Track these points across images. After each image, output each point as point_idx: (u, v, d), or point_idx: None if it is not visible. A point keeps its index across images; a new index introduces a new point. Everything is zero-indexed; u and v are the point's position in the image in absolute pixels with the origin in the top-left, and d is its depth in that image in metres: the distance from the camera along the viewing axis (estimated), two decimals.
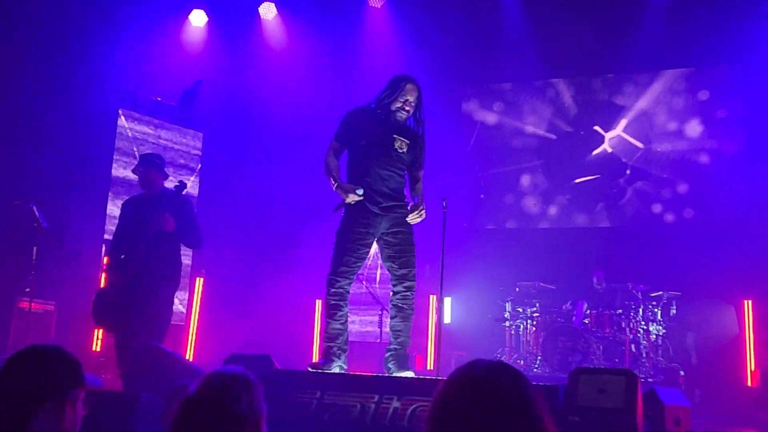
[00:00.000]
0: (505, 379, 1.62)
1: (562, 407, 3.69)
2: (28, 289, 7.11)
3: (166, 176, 6.00)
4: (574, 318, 8.95)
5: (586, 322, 8.76)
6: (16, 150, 8.58)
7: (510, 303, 9.26)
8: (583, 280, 9.26)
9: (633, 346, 8.54)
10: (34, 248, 6.32)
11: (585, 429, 3.57)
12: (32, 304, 6.58)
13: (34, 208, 6.21)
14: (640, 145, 10.17)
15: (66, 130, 8.76)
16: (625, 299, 8.92)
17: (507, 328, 9.27)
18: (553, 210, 10.47)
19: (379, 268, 9.50)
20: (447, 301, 9.51)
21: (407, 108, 5.00)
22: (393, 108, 4.98)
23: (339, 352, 4.89)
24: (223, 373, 1.83)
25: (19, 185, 8.02)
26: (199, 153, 10.19)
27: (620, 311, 8.68)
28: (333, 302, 4.93)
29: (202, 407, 1.77)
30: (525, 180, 10.68)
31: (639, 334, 8.55)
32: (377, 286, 9.52)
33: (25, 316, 7.04)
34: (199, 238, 5.93)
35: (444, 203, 5.28)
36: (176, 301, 8.47)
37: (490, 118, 10.97)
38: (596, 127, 10.37)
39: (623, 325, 8.53)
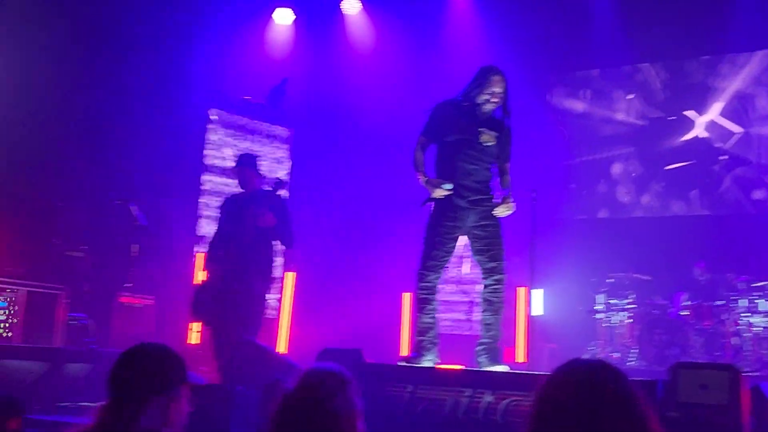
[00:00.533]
0: (608, 378, 1.58)
1: (660, 403, 3.57)
2: (128, 285, 7.43)
3: (262, 176, 6.16)
4: (671, 310, 8.65)
5: (684, 314, 8.45)
6: (115, 151, 8.95)
7: (603, 295, 9.03)
8: (680, 270, 8.93)
9: (735, 339, 8.19)
10: (134, 245, 6.57)
11: (685, 427, 3.45)
12: (133, 299, 6.85)
13: (133, 207, 6.47)
14: (737, 129, 9.73)
15: (160, 131, 9.07)
16: (725, 290, 8.54)
17: (600, 321, 9.05)
18: (646, 198, 10.15)
19: (467, 260, 9.43)
20: (537, 293, 9.35)
21: (494, 100, 4.94)
22: (479, 101, 4.94)
23: (430, 345, 4.89)
24: (318, 371, 1.86)
25: (118, 185, 8.36)
26: (288, 150, 10.36)
27: (721, 302, 8.33)
28: (422, 296, 4.94)
29: (299, 404, 1.80)
30: (616, 168, 10.39)
31: (741, 327, 8.18)
32: (465, 278, 9.47)
33: (126, 310, 7.35)
34: (292, 237, 6.08)
35: (533, 194, 5.20)
36: (268, 295, 8.62)
37: (578, 105, 10.71)
38: (687, 112, 9.98)
39: (723, 317, 8.19)
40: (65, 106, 8.86)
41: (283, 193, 5.93)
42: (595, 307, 9.07)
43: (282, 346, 9.02)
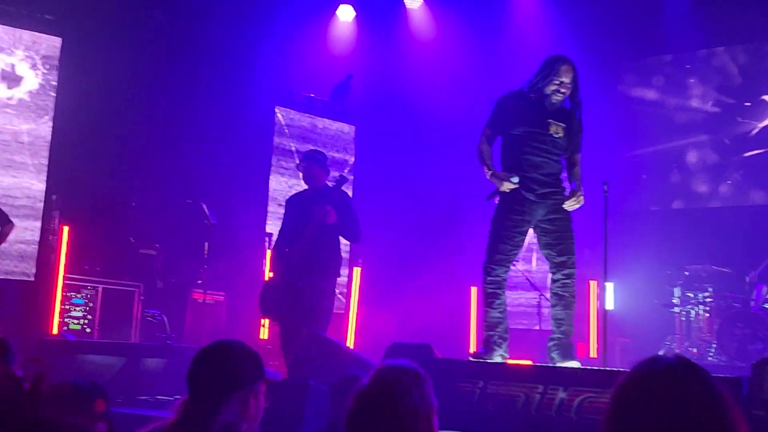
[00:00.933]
0: (691, 377, 1.50)
1: (745, 401, 3.44)
2: (200, 282, 7.58)
3: (329, 172, 6.18)
4: (752, 303, 8.33)
5: (767, 307, 8.13)
6: (186, 151, 9.15)
7: (679, 288, 8.76)
8: (761, 261, 8.59)
9: None
10: (205, 243, 6.70)
11: None
12: (204, 295, 6.99)
13: (204, 205, 6.59)
14: None
15: (228, 130, 9.23)
16: None
17: (676, 315, 8.79)
18: (724, 188, 9.81)
19: (534, 253, 9.30)
20: (609, 287, 9.15)
21: (563, 90, 4.82)
22: (548, 91, 4.83)
23: (500, 340, 4.83)
24: (393, 367, 1.86)
25: (188, 184, 8.54)
26: (353, 146, 10.40)
27: None
28: (490, 290, 4.88)
29: (375, 400, 1.80)
30: (691, 157, 10.07)
31: None
32: (533, 272, 9.34)
33: (198, 306, 7.50)
34: (358, 232, 6.07)
35: (605, 187, 5.08)
36: (336, 290, 8.67)
37: (650, 93, 10.42)
38: (766, 96, 9.60)
39: None
40: (138, 108, 9.10)
41: (345, 188, 5.93)
42: (671, 301, 8.82)
43: (350, 341, 9.07)
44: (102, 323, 7.80)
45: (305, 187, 6.20)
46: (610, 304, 9.16)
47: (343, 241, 6.17)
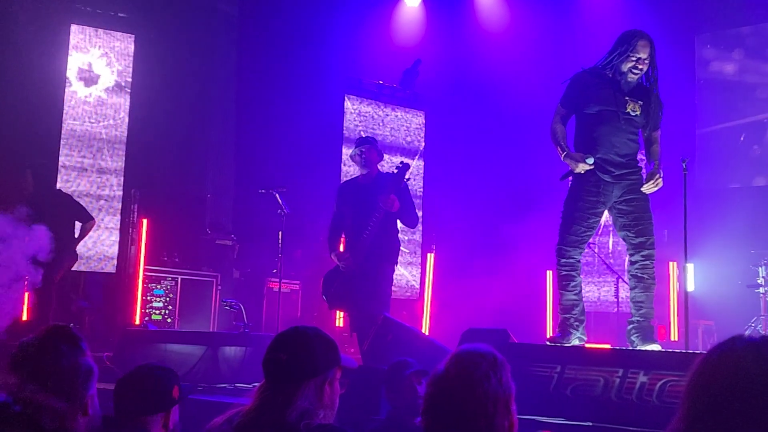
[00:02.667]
0: None
1: None
2: (275, 270, 7.69)
3: (382, 156, 6.22)
4: None
5: None
6: (257, 142, 9.30)
7: (764, 267, 8.43)
8: None
9: None
10: (280, 233, 6.78)
11: None
12: (280, 284, 7.09)
13: (277, 195, 6.66)
14: None
15: (298, 120, 9.32)
16: None
17: (761, 295, 8.47)
18: None
19: (611, 235, 9.09)
20: (689, 268, 8.88)
21: (640, 66, 4.67)
22: (624, 68, 4.68)
23: (576, 323, 4.74)
24: (471, 351, 1.84)
25: (261, 175, 8.67)
26: (423, 131, 10.37)
27: None
28: (564, 273, 4.80)
29: (453, 385, 1.78)
30: None
31: None
32: (610, 254, 9.14)
33: (274, 295, 7.61)
34: (416, 218, 6.14)
35: (684, 164, 4.91)
36: (409, 276, 8.73)
37: (728, 67, 10.02)
38: None
39: None
40: (210, 101, 9.29)
41: (407, 175, 5.93)
42: (756, 281, 8.50)
43: (425, 327, 9.07)
44: (182, 313, 8.02)
45: (361, 172, 6.21)
46: (691, 286, 8.90)
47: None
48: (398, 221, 6.09)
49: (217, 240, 8.72)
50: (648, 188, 4.69)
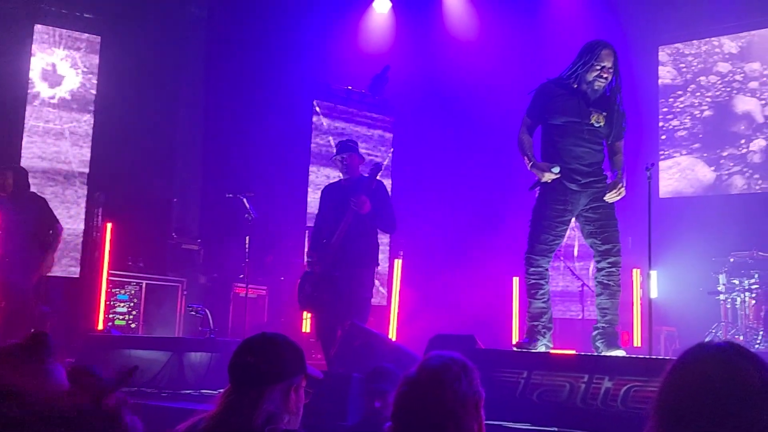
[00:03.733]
0: (742, 361, 1.47)
1: None
2: (242, 276, 7.64)
3: (363, 159, 6.18)
4: None
5: None
6: (225, 146, 9.23)
7: (724, 275, 8.59)
8: None
9: None
10: (247, 238, 6.74)
11: None
12: (247, 289, 7.05)
13: (245, 200, 6.62)
14: None
15: (266, 124, 9.28)
16: None
17: (722, 302, 8.63)
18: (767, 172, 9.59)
19: (576, 242, 9.19)
20: (653, 275, 9.01)
21: (605, 75, 4.73)
22: (589, 78, 4.73)
23: (544, 330, 4.79)
24: (442, 356, 1.86)
25: (229, 179, 8.61)
26: (391, 137, 10.39)
27: None
28: (533, 281, 4.84)
29: (423, 388, 1.79)
30: (738, 142, 9.85)
31: None
32: (575, 261, 9.24)
33: (241, 301, 7.56)
34: (393, 222, 6.03)
35: (648, 173, 4.98)
36: (377, 282, 8.70)
37: (689, 77, 10.22)
38: None
39: None
40: (177, 104, 9.21)
41: (379, 176, 5.89)
42: (716, 288, 8.66)
43: (392, 333, 9.07)
44: (146, 318, 7.93)
45: (342, 177, 6.18)
46: (654, 293, 9.03)
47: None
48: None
49: (183, 244, 8.64)
50: (611, 197, 4.75)
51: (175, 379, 5.90)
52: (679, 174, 10.20)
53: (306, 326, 8.44)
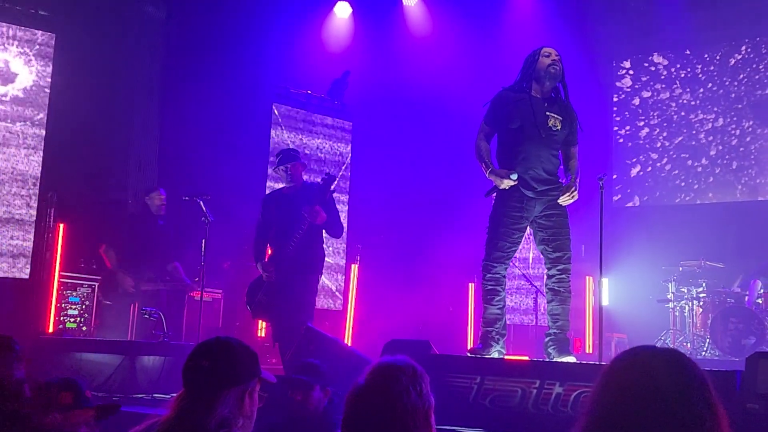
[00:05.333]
0: (673, 366, 1.51)
1: (739, 395, 3.46)
2: (197, 279, 7.56)
3: (306, 166, 6.25)
4: (746, 298, 8.38)
5: (760, 302, 8.18)
6: (182, 147, 9.13)
7: (673, 283, 8.81)
8: (754, 257, 8.65)
9: None
10: (203, 241, 6.69)
11: (766, 418, 3.34)
12: (202, 293, 6.98)
13: (201, 203, 6.57)
14: None
15: (224, 127, 9.22)
16: None
17: (671, 310, 8.84)
18: (717, 184, 9.85)
19: (531, 249, 9.32)
20: (604, 283, 9.18)
21: (555, 58, 4.84)
22: (542, 70, 4.82)
23: (498, 336, 4.84)
24: (390, 365, 1.85)
25: (185, 181, 8.53)
26: (350, 142, 10.40)
27: None
28: (490, 287, 4.89)
29: (372, 400, 1.79)
30: (688, 155, 10.10)
31: None
32: (530, 268, 9.36)
33: (196, 304, 7.48)
34: (341, 228, 6.18)
35: (601, 182, 5.08)
36: (333, 288, 8.72)
37: (645, 91, 10.45)
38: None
39: None
40: (133, 105, 9.08)
41: (332, 187, 5.97)
42: (666, 296, 8.86)
43: (348, 338, 9.08)
44: (98, 321, 7.79)
45: (285, 185, 6.21)
46: (605, 300, 9.21)
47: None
48: (324, 231, 6.10)
49: None
50: (564, 200, 4.83)
51: (127, 383, 5.83)
52: (631, 184, 10.42)
53: (261, 330, 8.40)
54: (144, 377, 5.96)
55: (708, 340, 8.30)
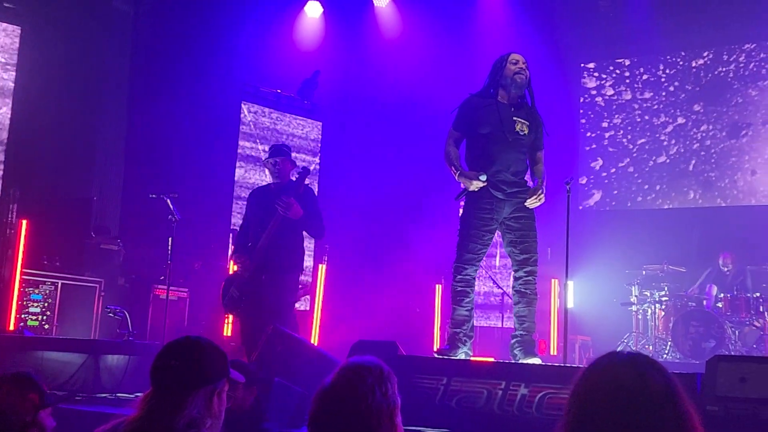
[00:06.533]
0: (649, 370, 1.56)
1: (699, 397, 3.53)
2: (163, 278, 7.50)
3: (295, 164, 6.15)
4: (705, 302, 8.55)
5: (719, 306, 8.35)
6: (150, 144, 9.05)
7: (637, 286, 8.95)
8: (714, 262, 8.84)
9: None
10: (169, 239, 6.62)
11: (726, 421, 3.41)
12: (168, 291, 6.92)
13: (168, 200, 6.50)
14: None
15: (193, 125, 9.14)
16: (761, 282, 8.43)
17: (634, 313, 8.98)
18: (679, 189, 10.02)
19: (498, 252, 9.39)
20: (570, 286, 9.28)
21: (522, 66, 4.90)
22: (509, 78, 4.87)
23: (465, 338, 4.88)
24: (357, 365, 1.85)
25: (153, 178, 8.44)
26: (319, 142, 10.38)
27: (757, 294, 8.22)
28: (459, 289, 4.91)
29: (337, 400, 1.80)
30: (651, 159, 10.27)
31: None
32: (497, 270, 9.43)
33: (161, 303, 7.42)
34: (322, 228, 5.98)
35: (567, 186, 5.14)
36: (298, 285, 8.59)
37: (611, 95, 10.60)
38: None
39: (761, 309, 8.07)
40: (100, 100, 8.97)
41: (308, 181, 5.88)
42: (629, 299, 9.00)
43: (315, 338, 9.06)
44: (61, 319, 7.68)
45: (272, 181, 6.14)
46: (570, 303, 9.32)
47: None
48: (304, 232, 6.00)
49: (102, 244, 8.41)
50: (531, 203, 4.88)
51: (90, 383, 5.76)
52: (597, 188, 10.56)
53: (227, 330, 8.34)
54: (108, 377, 5.88)
55: (669, 343, 8.44)
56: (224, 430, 2.04)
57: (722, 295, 8.39)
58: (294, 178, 5.85)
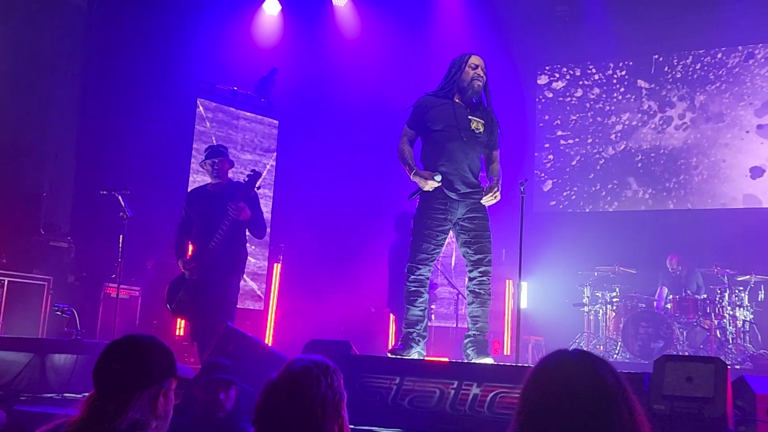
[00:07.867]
0: (595, 367, 1.59)
1: (647, 396, 3.59)
2: (114, 276, 7.37)
3: (233, 164, 6.17)
4: (655, 303, 8.72)
5: (668, 307, 8.52)
6: (102, 140, 8.89)
7: (589, 287, 9.09)
8: (663, 264, 9.02)
9: (719, 332, 8.26)
10: (120, 236, 6.52)
11: (672, 419, 3.47)
12: (119, 290, 6.81)
13: (120, 197, 6.40)
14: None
15: (147, 120, 9.00)
16: (710, 284, 8.63)
17: (585, 314, 9.11)
18: (630, 192, 10.20)
19: (454, 253, 9.44)
20: (523, 286, 9.39)
21: (480, 74, 4.92)
22: (466, 79, 4.89)
23: (418, 338, 4.89)
24: (303, 360, 1.86)
25: (105, 175, 8.30)
26: (275, 140, 10.31)
27: (705, 296, 8.41)
28: (413, 289, 4.92)
29: (282, 392, 1.80)
30: (601, 163, 10.43)
31: (725, 320, 8.26)
32: (452, 271, 9.48)
33: (112, 301, 7.29)
34: (264, 227, 6.10)
35: (522, 187, 5.18)
36: (254, 287, 8.64)
37: (567, 99, 10.74)
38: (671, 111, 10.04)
39: (708, 310, 8.26)
40: (52, 94, 8.78)
41: (258, 183, 5.89)
42: (581, 300, 9.12)
43: (269, 338, 9.00)
44: (7, 318, 7.50)
45: (211, 181, 6.10)
46: (524, 303, 9.44)
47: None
48: (247, 231, 6.03)
49: (52, 241, 8.24)
50: (486, 200, 4.90)
51: (36, 382, 5.63)
52: (551, 190, 10.69)
53: (180, 330, 8.24)
54: (55, 376, 5.76)
55: (620, 344, 8.58)
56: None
57: (671, 296, 8.56)
58: (244, 180, 5.86)
